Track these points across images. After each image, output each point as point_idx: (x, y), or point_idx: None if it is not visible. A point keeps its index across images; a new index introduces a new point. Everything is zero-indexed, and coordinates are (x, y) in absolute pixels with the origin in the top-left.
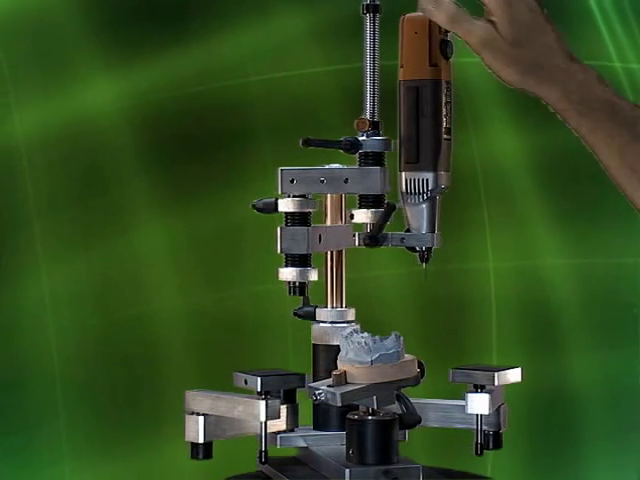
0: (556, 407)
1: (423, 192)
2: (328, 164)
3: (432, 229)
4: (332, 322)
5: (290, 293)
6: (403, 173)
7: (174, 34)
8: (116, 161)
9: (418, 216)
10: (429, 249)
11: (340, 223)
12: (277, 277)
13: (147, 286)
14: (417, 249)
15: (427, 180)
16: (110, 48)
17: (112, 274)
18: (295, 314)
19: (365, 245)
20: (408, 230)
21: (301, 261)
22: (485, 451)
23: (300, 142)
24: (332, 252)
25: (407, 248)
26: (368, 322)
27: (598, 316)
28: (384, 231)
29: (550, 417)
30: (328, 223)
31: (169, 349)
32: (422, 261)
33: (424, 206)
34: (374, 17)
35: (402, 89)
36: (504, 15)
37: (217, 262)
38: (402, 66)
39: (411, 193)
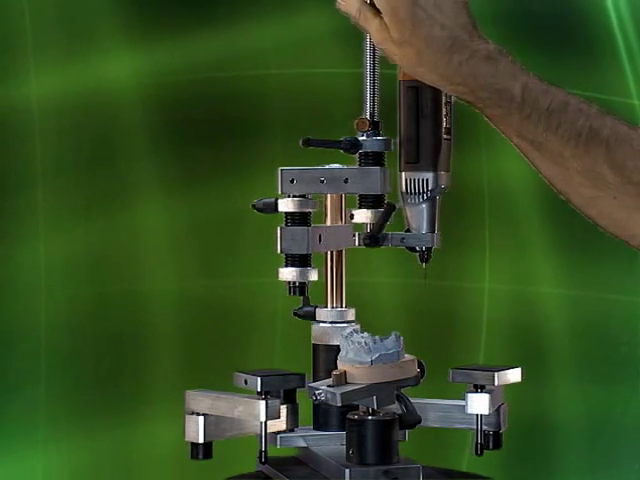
0: (535, 435)
1: (423, 192)
2: (329, 164)
3: (432, 229)
4: (332, 322)
5: (290, 293)
6: (403, 173)
7: (201, 17)
8: (127, 136)
9: (418, 216)
10: (429, 249)
11: (340, 223)
12: (274, 272)
13: (142, 264)
14: (417, 249)
15: (427, 180)
16: (135, 23)
17: (109, 248)
18: (295, 314)
19: (365, 245)
20: (408, 230)
21: (301, 261)
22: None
23: (300, 142)
24: (332, 252)
25: (407, 248)
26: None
27: (586, 350)
28: (384, 231)
29: (527, 445)
30: (328, 223)
31: (156, 329)
32: (422, 261)
33: (424, 206)
34: None
35: (402, 89)
36: (389, 17)
37: (215, 250)
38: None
39: (411, 193)
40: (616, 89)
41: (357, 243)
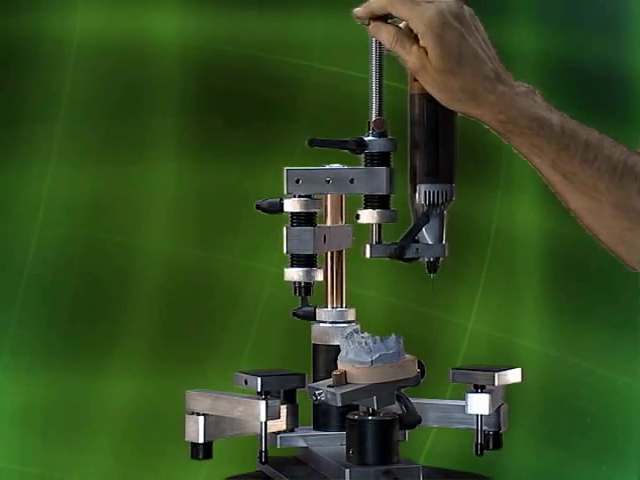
0: None
1: (442, 203)
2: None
3: (442, 240)
4: (332, 322)
5: (296, 293)
6: (422, 185)
7: None
8: (157, 92)
9: (433, 227)
10: (437, 259)
11: (340, 223)
12: (268, 258)
13: (141, 220)
14: (426, 259)
15: (446, 192)
16: None
17: (112, 195)
18: (295, 314)
19: (396, 257)
20: (417, 241)
21: (307, 261)
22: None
23: (306, 142)
24: (332, 252)
25: (405, 260)
26: None
27: (551, 412)
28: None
29: None
30: (328, 223)
31: (139, 286)
32: (430, 272)
33: (436, 217)
34: None
35: (418, 102)
36: (434, 46)
37: (216, 224)
38: (416, 80)
39: (433, 205)
40: None
41: (368, 254)
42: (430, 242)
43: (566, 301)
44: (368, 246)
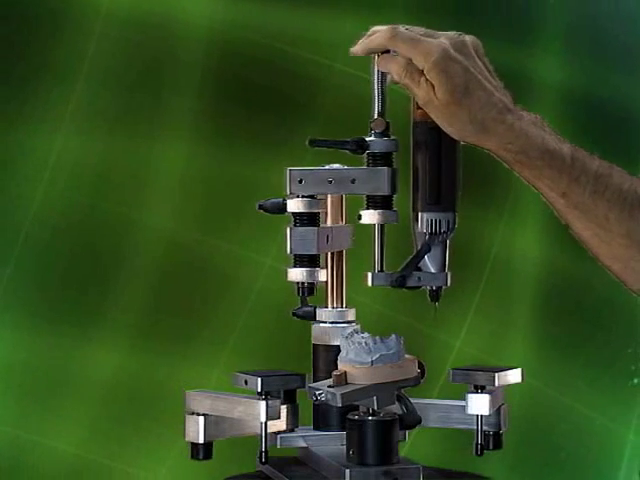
0: None
1: (444, 232)
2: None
3: (444, 268)
4: (332, 322)
5: (299, 293)
6: (424, 214)
7: None
8: (178, 70)
9: (435, 256)
10: (439, 288)
11: (341, 223)
12: (267, 250)
13: (145, 196)
14: (428, 288)
15: (449, 220)
16: None
17: (120, 168)
18: (294, 314)
19: (397, 285)
20: (419, 269)
21: (310, 261)
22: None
23: (306, 142)
24: (333, 252)
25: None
26: None
27: (525, 443)
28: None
29: None
30: (329, 223)
31: (133, 259)
32: (433, 300)
33: (439, 246)
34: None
35: (421, 130)
36: (440, 81)
37: (219, 209)
38: (420, 107)
39: (434, 234)
40: None
41: (370, 282)
42: (433, 270)
43: (555, 335)
44: (370, 274)
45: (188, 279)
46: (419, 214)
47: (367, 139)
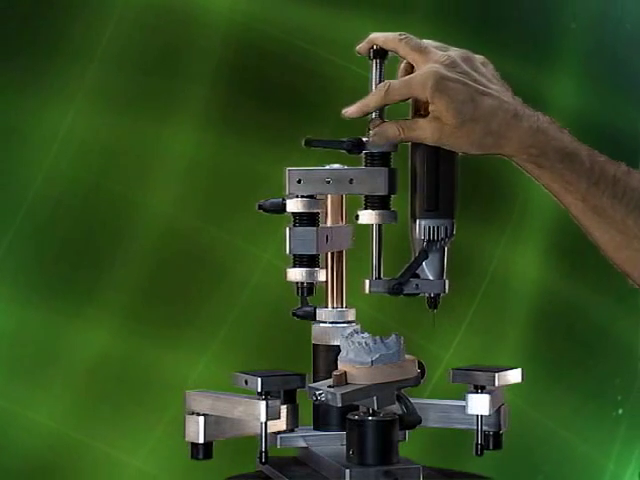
0: None
1: (442, 239)
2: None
3: (442, 276)
4: (332, 322)
5: (298, 293)
6: (422, 221)
7: None
8: (193, 59)
9: (433, 263)
10: (437, 295)
11: (341, 223)
12: (267, 246)
13: (150, 180)
14: (426, 295)
15: (447, 227)
16: None
17: (127, 149)
18: (294, 314)
19: (393, 293)
20: (417, 276)
21: (309, 262)
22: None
23: (302, 142)
24: (333, 252)
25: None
26: None
27: (505, 463)
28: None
29: None
30: (329, 223)
31: (131, 240)
32: (431, 307)
33: (437, 253)
34: (381, 62)
35: None
36: (445, 104)
37: (222, 199)
38: (416, 113)
39: (431, 240)
40: None
41: (367, 289)
42: (431, 277)
43: (545, 357)
44: (367, 281)
45: (184, 266)
46: (417, 220)
47: (365, 139)
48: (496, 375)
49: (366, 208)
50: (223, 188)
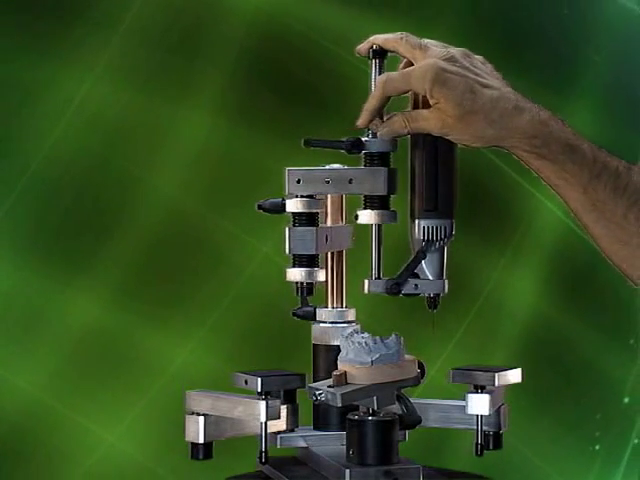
0: None
1: (441, 239)
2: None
3: (441, 276)
4: (332, 322)
5: (297, 293)
6: (422, 220)
7: None
8: (216, 44)
9: (432, 263)
10: (437, 295)
11: (341, 223)
12: (268, 240)
13: (158, 160)
14: (426, 295)
15: (446, 227)
16: None
17: (140, 126)
18: (294, 314)
19: (391, 293)
20: (417, 276)
21: (309, 261)
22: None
23: (302, 142)
24: (332, 252)
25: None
26: None
27: None
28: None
29: None
30: (329, 223)
31: (134, 219)
32: (431, 307)
33: (436, 253)
34: (380, 62)
35: (419, 137)
36: (444, 95)
37: (227, 188)
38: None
39: (431, 240)
40: None
41: (366, 289)
42: (430, 278)
43: (528, 384)
44: (367, 281)
45: (182, 249)
46: (416, 221)
47: (364, 139)
48: (496, 375)
49: (366, 208)
50: (230, 177)
